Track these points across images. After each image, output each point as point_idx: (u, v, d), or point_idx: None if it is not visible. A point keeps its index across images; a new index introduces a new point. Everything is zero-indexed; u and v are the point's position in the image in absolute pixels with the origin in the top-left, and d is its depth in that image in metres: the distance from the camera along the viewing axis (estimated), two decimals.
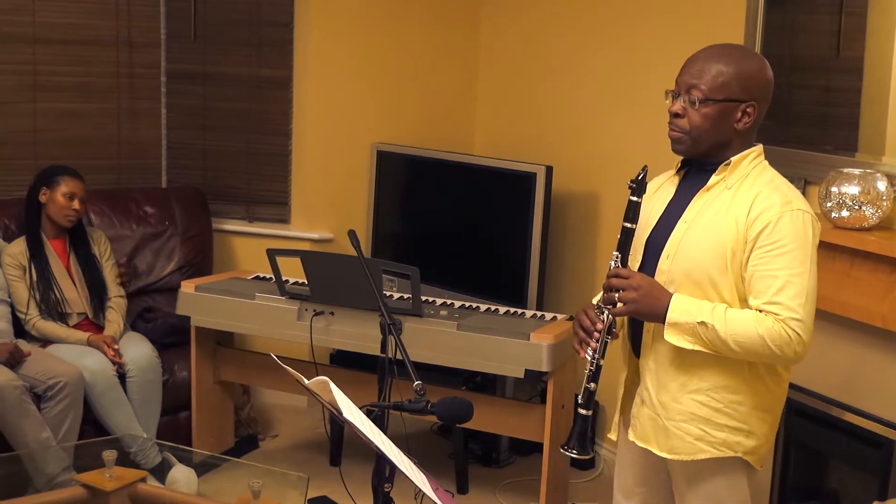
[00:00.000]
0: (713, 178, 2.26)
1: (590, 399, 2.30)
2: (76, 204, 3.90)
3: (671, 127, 2.27)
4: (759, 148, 2.29)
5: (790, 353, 2.15)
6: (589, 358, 2.29)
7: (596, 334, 2.28)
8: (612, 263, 2.29)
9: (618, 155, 4.07)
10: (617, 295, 2.24)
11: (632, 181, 2.27)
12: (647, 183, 2.28)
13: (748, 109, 2.21)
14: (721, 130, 2.22)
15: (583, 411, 2.29)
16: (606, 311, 2.27)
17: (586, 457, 2.31)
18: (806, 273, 2.16)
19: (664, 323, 2.21)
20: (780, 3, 3.37)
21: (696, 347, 2.20)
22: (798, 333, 2.15)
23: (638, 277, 2.24)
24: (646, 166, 2.29)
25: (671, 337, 2.21)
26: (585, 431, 2.29)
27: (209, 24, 4.71)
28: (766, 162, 2.30)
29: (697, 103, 2.20)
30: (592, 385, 2.29)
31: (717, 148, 2.25)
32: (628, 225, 2.28)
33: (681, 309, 2.19)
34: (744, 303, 2.22)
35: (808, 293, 2.17)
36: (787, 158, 3.26)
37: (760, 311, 2.17)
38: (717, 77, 2.19)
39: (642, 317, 2.27)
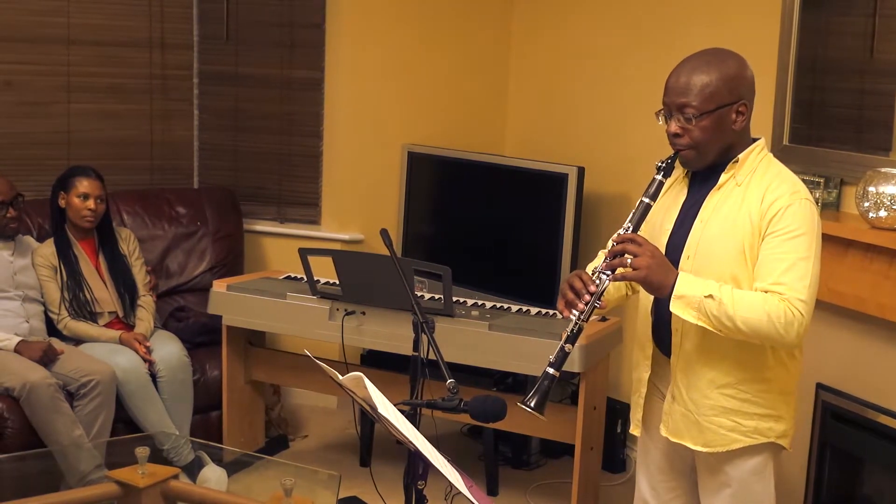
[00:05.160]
0: (723, 177, 2.31)
1: (563, 360, 2.26)
2: (91, 203, 3.91)
3: (675, 146, 2.30)
4: (762, 141, 2.34)
5: (793, 334, 2.17)
6: (574, 319, 2.25)
7: (586, 297, 2.24)
8: (622, 232, 2.29)
9: (649, 156, 3.98)
10: (630, 259, 2.22)
11: (661, 161, 2.30)
12: (674, 167, 2.31)
13: (740, 109, 2.26)
14: (722, 136, 2.27)
15: (551, 370, 2.25)
16: (606, 277, 2.25)
17: (539, 415, 2.24)
18: (812, 259, 2.21)
19: (670, 296, 2.21)
20: (815, 6, 3.36)
21: (701, 323, 2.20)
22: (802, 314, 2.17)
23: (653, 246, 2.25)
24: (676, 153, 2.31)
25: (677, 309, 2.21)
26: (549, 391, 2.25)
27: (241, 26, 4.75)
28: (771, 154, 2.35)
29: (693, 120, 2.24)
30: (569, 346, 2.25)
31: (723, 152, 2.30)
32: (647, 200, 2.29)
33: (689, 283, 2.21)
34: None
35: (813, 279, 2.21)
36: (823, 159, 3.25)
37: (766, 292, 2.19)
38: (704, 89, 2.23)
39: (650, 285, 2.24)
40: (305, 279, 3.73)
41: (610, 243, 2.30)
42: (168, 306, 4.36)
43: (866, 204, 2.94)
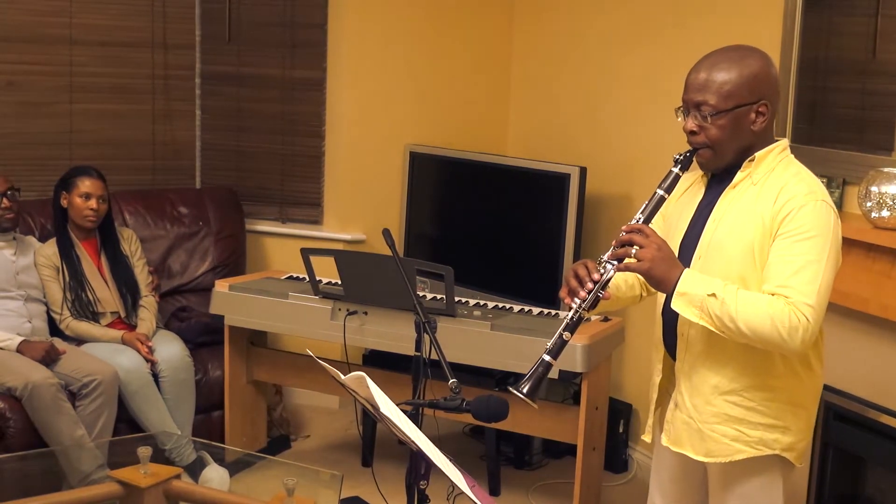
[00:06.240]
0: (738, 175, 2.25)
1: (560, 348, 2.20)
2: (93, 203, 3.92)
3: (692, 144, 2.25)
4: (784, 142, 2.28)
5: (797, 340, 2.09)
6: (574, 307, 2.20)
7: (589, 285, 2.18)
8: (632, 223, 2.23)
9: (651, 157, 4.07)
10: (634, 250, 2.16)
11: (679, 154, 2.24)
12: (692, 161, 2.25)
13: (760, 109, 2.20)
14: (740, 136, 2.21)
15: (547, 358, 2.20)
16: (611, 267, 2.19)
17: (531, 403, 2.19)
18: (823, 262, 2.12)
19: (672, 292, 2.16)
20: (817, 6, 3.37)
21: (703, 322, 2.14)
22: (808, 320, 2.09)
23: (661, 240, 2.18)
24: (694, 149, 2.26)
25: (678, 306, 2.16)
26: (543, 378, 2.20)
27: (243, 26, 4.76)
28: (792, 156, 2.28)
29: (710, 118, 2.19)
30: (567, 335, 2.19)
31: (740, 153, 2.24)
32: (661, 192, 2.23)
33: (693, 280, 2.15)
34: None
35: (823, 283, 2.12)
36: (826, 158, 3.25)
37: (773, 294, 2.12)
38: (722, 86, 2.17)
39: (652, 279, 2.18)
40: (307, 279, 3.73)
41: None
42: (170, 306, 4.37)
43: (869, 204, 2.94)
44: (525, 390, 2.17)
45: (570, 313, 2.19)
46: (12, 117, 4.45)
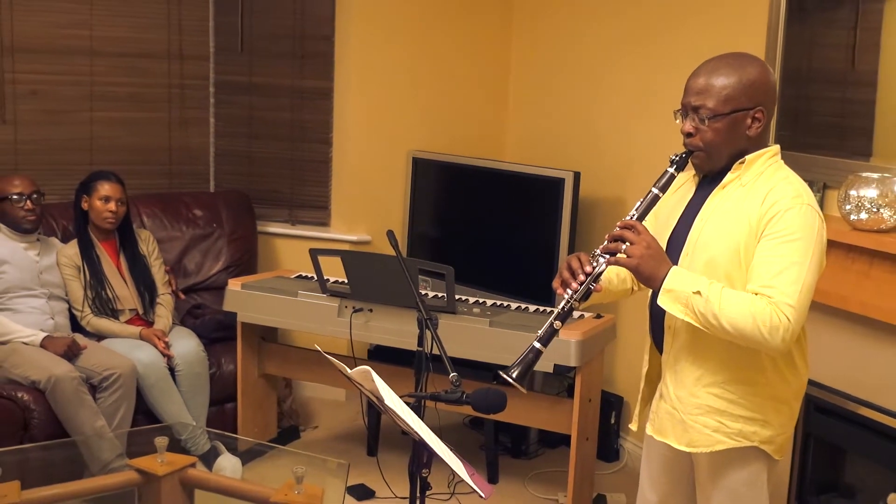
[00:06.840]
0: (728, 176, 2.25)
1: (550, 337, 2.19)
2: (112, 206, 3.97)
3: (687, 146, 2.26)
4: (776, 148, 2.29)
5: (777, 339, 2.09)
6: (566, 297, 2.19)
7: (581, 277, 2.18)
8: (626, 219, 2.23)
9: (643, 161, 4.09)
10: (624, 246, 2.17)
11: (675, 154, 2.25)
12: (687, 162, 2.26)
13: (756, 115, 2.21)
14: (735, 140, 2.22)
15: (537, 345, 2.19)
16: (603, 260, 2.19)
17: (521, 387, 2.17)
18: (807, 264, 2.12)
19: (659, 289, 2.16)
20: (800, 18, 3.40)
21: (688, 319, 2.14)
22: (789, 320, 2.08)
23: (650, 237, 2.19)
24: (690, 150, 2.27)
25: (664, 303, 2.16)
26: (532, 364, 2.19)
27: (255, 38, 4.80)
28: (782, 161, 2.29)
29: (707, 121, 2.19)
30: (558, 324, 2.19)
31: (734, 157, 2.24)
32: (656, 191, 2.23)
33: (679, 277, 2.15)
34: None
35: (806, 285, 2.11)
36: (807, 164, 3.26)
37: (756, 294, 2.12)
38: (721, 91, 2.18)
39: (640, 275, 2.19)
40: (316, 278, 3.77)
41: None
42: (185, 304, 4.39)
43: (848, 207, 2.99)
44: (514, 375, 2.16)
45: (562, 304, 2.20)
46: (36, 125, 4.49)
